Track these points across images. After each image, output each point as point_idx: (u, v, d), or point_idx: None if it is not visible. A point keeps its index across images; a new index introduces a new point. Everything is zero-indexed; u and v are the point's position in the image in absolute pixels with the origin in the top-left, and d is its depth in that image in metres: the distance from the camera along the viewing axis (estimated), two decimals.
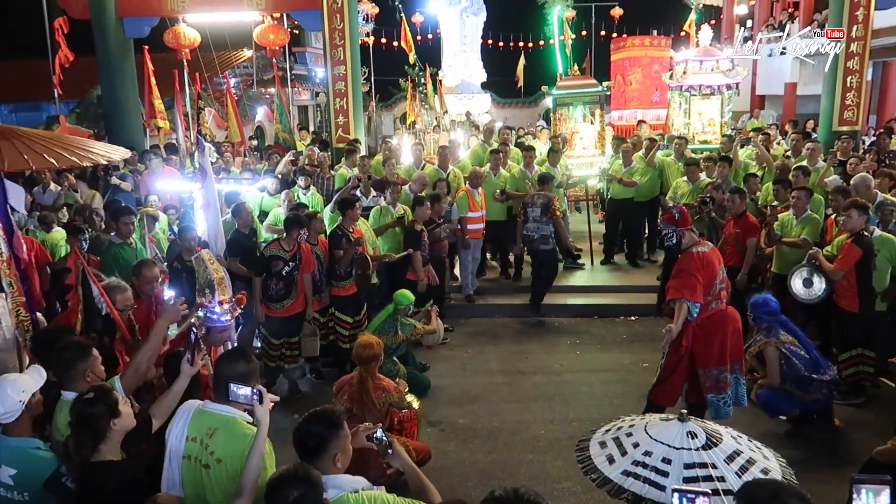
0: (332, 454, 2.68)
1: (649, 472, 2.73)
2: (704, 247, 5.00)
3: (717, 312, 4.99)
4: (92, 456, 2.81)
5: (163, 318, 3.70)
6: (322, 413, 2.81)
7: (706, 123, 11.29)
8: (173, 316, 3.75)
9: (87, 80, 13.95)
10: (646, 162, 9.62)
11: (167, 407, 3.22)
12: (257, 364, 3.17)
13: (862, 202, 6.11)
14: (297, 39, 22.55)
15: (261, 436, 2.81)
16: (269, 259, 6.27)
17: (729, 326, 4.98)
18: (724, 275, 5.10)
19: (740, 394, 5.09)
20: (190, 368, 3.27)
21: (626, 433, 3.00)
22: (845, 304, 5.99)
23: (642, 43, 17.80)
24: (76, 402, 2.88)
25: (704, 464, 2.71)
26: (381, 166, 9.36)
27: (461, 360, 7.45)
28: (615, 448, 2.94)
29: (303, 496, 2.37)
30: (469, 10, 21.34)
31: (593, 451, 2.98)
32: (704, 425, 2.92)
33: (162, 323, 3.67)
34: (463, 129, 15.44)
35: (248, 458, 2.76)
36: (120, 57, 12.15)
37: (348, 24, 11.60)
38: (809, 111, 16.72)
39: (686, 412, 2.99)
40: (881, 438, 4.02)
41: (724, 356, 4.94)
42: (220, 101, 18.09)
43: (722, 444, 2.79)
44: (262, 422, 2.83)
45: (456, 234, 8.49)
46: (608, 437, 3.05)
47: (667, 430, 2.88)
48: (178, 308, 3.74)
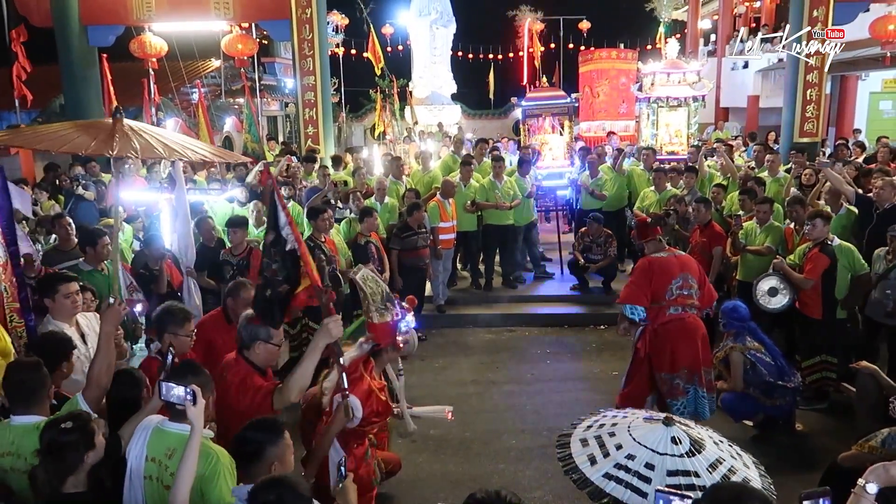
0: (268, 462, 2.63)
1: (632, 477, 2.69)
2: (664, 253, 5.14)
3: (674, 320, 5.04)
4: (62, 487, 2.66)
5: (107, 322, 3.41)
6: (263, 420, 2.77)
7: (674, 134, 11.51)
8: (117, 318, 3.47)
9: (49, 89, 13.69)
10: (614, 169, 9.75)
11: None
12: (208, 377, 3.09)
13: (826, 212, 6.27)
14: (265, 49, 22.46)
15: (193, 440, 2.68)
16: (221, 265, 6.20)
17: (686, 336, 5.02)
18: (693, 282, 5.14)
19: (700, 408, 5.09)
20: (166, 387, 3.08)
21: (608, 432, 2.94)
22: (809, 312, 6.11)
23: (609, 56, 18.11)
24: (47, 428, 2.72)
25: (687, 472, 2.68)
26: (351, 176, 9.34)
27: (432, 371, 7.42)
28: (597, 448, 2.88)
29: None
30: (439, 21, 21.45)
31: (574, 449, 2.92)
32: (688, 430, 2.90)
33: (108, 329, 3.39)
34: (434, 139, 15.49)
35: (179, 467, 2.64)
36: (84, 66, 11.96)
37: (318, 35, 11.59)
38: (771, 123, 17.14)
39: (670, 416, 2.95)
40: (844, 443, 4.09)
41: (676, 364, 5.01)
42: (188, 111, 17.91)
43: (705, 452, 2.77)
44: (195, 425, 2.69)
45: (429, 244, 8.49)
46: (590, 434, 2.99)
47: (651, 434, 2.84)
48: (118, 309, 3.46)
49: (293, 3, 11.48)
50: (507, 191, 9.10)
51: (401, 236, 7.80)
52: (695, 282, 5.16)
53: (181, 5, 11.90)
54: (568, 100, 11.86)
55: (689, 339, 5.05)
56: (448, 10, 21.52)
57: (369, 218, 7.45)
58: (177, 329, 3.82)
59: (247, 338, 3.55)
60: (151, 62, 12.61)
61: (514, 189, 9.18)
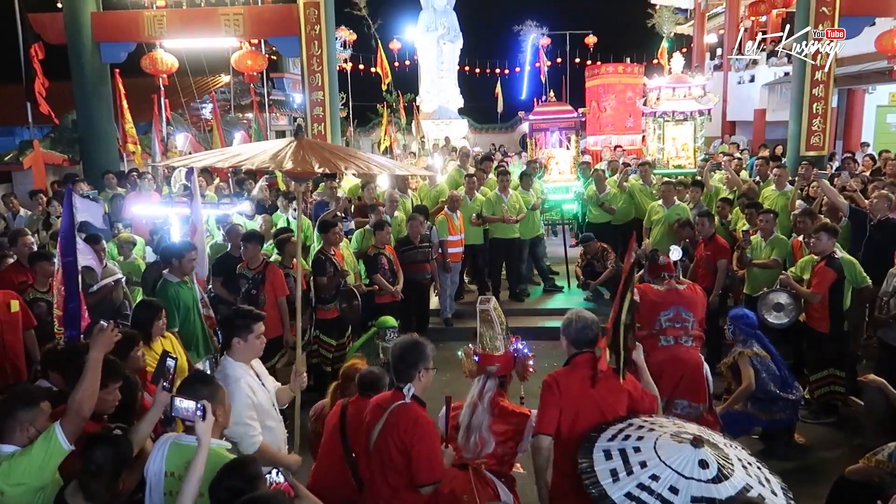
0: None
1: (654, 500, 2.58)
2: (662, 286, 5.16)
3: (663, 350, 4.98)
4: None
5: (96, 348, 3.08)
6: (237, 466, 2.65)
7: (680, 148, 11.54)
8: (106, 343, 3.16)
9: (62, 105, 13.87)
10: (617, 186, 9.79)
11: (144, 435, 3.12)
12: (217, 387, 3.07)
13: (832, 225, 6.27)
14: (274, 65, 22.70)
15: (200, 455, 2.68)
16: (237, 278, 6.25)
17: (672, 367, 4.90)
18: (688, 316, 5.05)
19: None
20: (165, 395, 3.03)
21: (633, 447, 2.84)
22: (817, 326, 6.10)
23: (616, 70, 18.18)
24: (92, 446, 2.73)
25: (712, 499, 2.57)
26: (359, 191, 9.40)
27: (439, 384, 7.37)
28: (620, 463, 2.78)
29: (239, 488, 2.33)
30: (446, 37, 21.65)
31: (596, 459, 2.84)
32: (717, 452, 2.78)
33: (96, 355, 3.06)
34: (441, 154, 15.58)
35: (184, 481, 2.64)
36: (96, 82, 12.13)
37: (326, 51, 11.72)
38: (778, 136, 17.15)
39: (699, 437, 2.82)
40: (852, 457, 4.08)
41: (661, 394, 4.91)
42: (197, 127, 18.08)
43: (732, 479, 2.66)
44: (202, 440, 2.70)
45: (436, 258, 8.52)
46: (614, 445, 2.90)
47: (678, 454, 2.73)
48: (109, 334, 3.16)
49: (302, 20, 11.64)
50: (513, 204, 9.14)
51: (400, 250, 7.84)
52: (690, 316, 5.06)
53: (192, 22, 12.07)
54: (575, 114, 11.94)
55: (675, 370, 4.92)
56: (455, 25, 21.73)
57: (381, 231, 7.52)
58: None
59: None
60: (162, 78, 12.78)
61: (519, 203, 9.22)
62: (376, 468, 3.29)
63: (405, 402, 3.27)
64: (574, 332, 3.62)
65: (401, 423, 3.21)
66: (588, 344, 3.59)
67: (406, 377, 3.30)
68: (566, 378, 3.53)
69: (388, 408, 3.27)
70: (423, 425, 3.24)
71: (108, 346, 3.18)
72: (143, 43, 12.27)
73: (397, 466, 3.22)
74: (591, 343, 3.59)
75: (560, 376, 3.56)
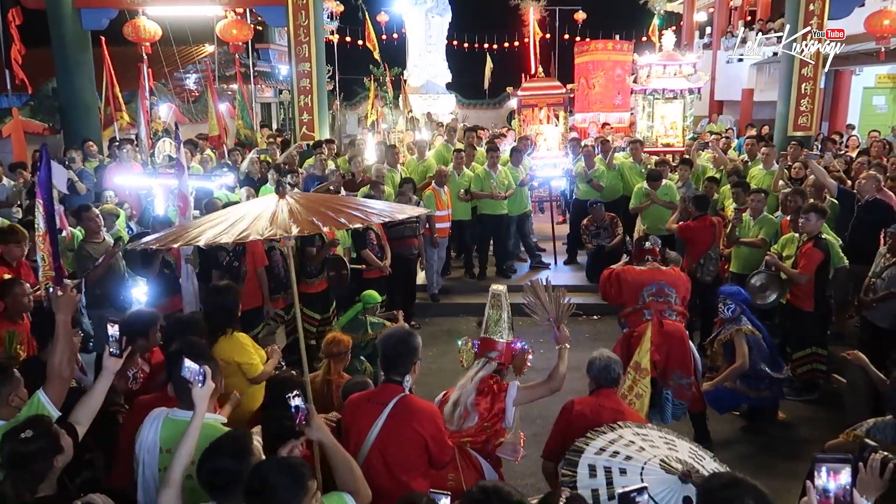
0: None
1: None
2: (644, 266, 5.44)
3: (647, 324, 5.16)
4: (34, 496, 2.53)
5: (61, 310, 3.10)
6: (226, 442, 2.53)
7: (669, 127, 11.54)
8: (71, 305, 3.18)
9: (41, 73, 13.55)
10: (605, 164, 9.78)
11: (91, 410, 2.94)
12: (216, 364, 3.07)
13: (821, 206, 6.31)
14: (260, 35, 22.31)
15: (195, 421, 2.64)
16: (215, 249, 6.19)
17: (659, 341, 5.09)
18: (670, 291, 5.27)
19: (665, 412, 5.20)
20: (114, 362, 2.97)
21: (619, 467, 2.76)
22: (800, 305, 6.16)
23: (605, 47, 18.04)
24: (7, 439, 2.52)
25: None
26: (347, 164, 9.33)
27: (425, 360, 7.35)
28: (604, 482, 2.71)
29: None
30: (434, 10, 21.36)
31: (580, 475, 2.77)
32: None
33: (63, 318, 3.08)
34: (428, 128, 15.47)
35: (178, 446, 2.60)
36: (77, 49, 11.82)
37: (313, 21, 11.50)
38: (766, 116, 17.19)
39: (688, 471, 2.70)
40: (833, 433, 4.15)
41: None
42: (181, 97, 17.80)
43: None
44: (197, 406, 2.66)
45: (424, 234, 8.48)
46: (600, 462, 2.83)
47: (664, 487, 2.63)
48: (70, 295, 3.18)
49: None
50: (501, 180, 9.10)
51: (387, 225, 7.77)
52: (673, 292, 5.27)
53: None
54: (563, 91, 11.88)
55: (662, 341, 5.10)
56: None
57: None
58: None
59: None
60: (145, 47, 12.51)
61: (508, 179, 9.19)
62: (377, 469, 3.12)
63: (406, 394, 3.25)
64: (596, 371, 3.85)
65: (416, 414, 3.16)
66: (610, 383, 3.81)
67: (403, 370, 3.27)
68: (581, 405, 3.76)
69: (388, 403, 3.19)
70: (433, 409, 3.32)
71: (72, 307, 3.18)
72: (126, 10, 11.98)
73: (409, 457, 3.13)
74: (614, 382, 3.82)
75: (578, 404, 3.78)
